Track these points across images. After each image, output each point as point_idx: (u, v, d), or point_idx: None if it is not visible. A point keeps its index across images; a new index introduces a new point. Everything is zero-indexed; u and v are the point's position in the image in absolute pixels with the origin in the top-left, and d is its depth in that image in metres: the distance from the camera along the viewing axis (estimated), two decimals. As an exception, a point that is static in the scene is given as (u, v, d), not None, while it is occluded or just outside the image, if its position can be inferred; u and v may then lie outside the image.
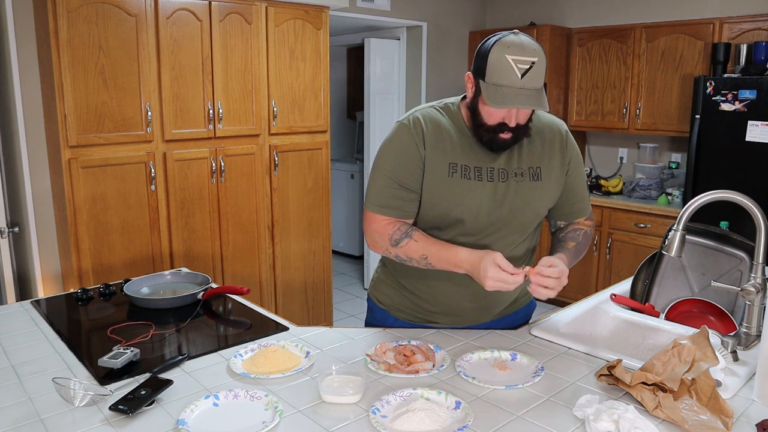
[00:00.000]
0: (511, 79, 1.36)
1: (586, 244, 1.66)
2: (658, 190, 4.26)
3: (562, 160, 1.59)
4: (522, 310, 1.77)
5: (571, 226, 1.68)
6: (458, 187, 1.51)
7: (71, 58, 2.69)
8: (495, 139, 1.47)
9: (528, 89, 1.37)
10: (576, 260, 1.60)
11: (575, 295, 4.32)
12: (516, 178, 1.54)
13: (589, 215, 1.73)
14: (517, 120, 1.44)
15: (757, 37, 3.77)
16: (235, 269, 3.38)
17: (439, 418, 1.18)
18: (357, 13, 4.30)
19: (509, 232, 1.56)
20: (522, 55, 1.36)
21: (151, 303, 1.88)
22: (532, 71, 1.36)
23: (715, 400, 1.17)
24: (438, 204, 1.53)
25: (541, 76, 1.39)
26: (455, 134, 1.53)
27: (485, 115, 1.46)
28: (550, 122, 1.62)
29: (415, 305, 1.68)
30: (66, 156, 2.73)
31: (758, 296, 1.46)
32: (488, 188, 1.52)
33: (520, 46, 1.37)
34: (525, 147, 1.56)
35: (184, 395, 1.30)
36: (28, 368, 1.44)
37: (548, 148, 1.58)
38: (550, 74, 4.56)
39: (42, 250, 2.98)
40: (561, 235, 1.66)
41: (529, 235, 1.62)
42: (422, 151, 1.51)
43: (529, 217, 1.57)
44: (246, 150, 3.32)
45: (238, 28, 3.20)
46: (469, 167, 1.51)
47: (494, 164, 1.53)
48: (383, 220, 1.55)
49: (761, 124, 3.52)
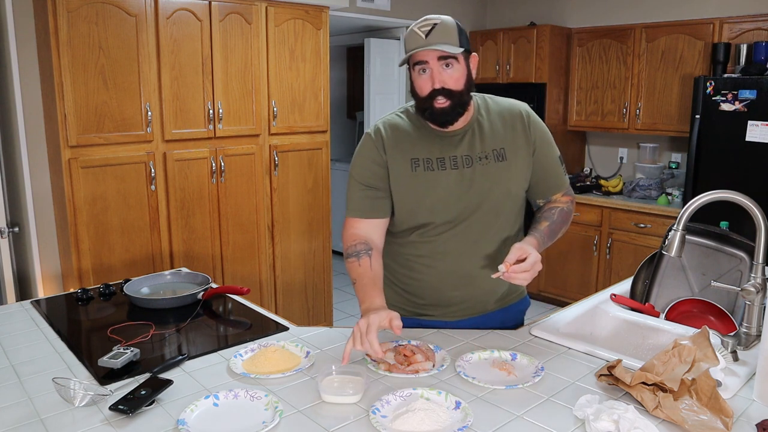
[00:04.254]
0: (417, 42, 1.48)
1: (562, 221, 1.69)
2: (658, 190, 4.26)
3: (526, 139, 1.64)
4: (515, 306, 1.79)
5: (548, 204, 1.71)
6: (423, 179, 1.58)
7: (71, 58, 2.69)
8: (434, 110, 1.52)
9: (434, 44, 1.46)
10: (552, 239, 1.64)
11: (575, 295, 4.32)
12: (481, 162, 1.59)
13: (567, 190, 1.75)
14: (441, 82, 1.49)
15: (757, 37, 3.77)
16: (235, 269, 3.38)
17: (439, 418, 1.17)
18: (357, 13, 4.30)
19: (483, 214, 1.61)
20: (424, 22, 1.50)
21: (151, 303, 1.88)
22: (436, 30, 1.47)
23: (715, 400, 1.17)
24: (407, 200, 1.59)
25: (447, 35, 1.47)
26: (415, 132, 1.61)
27: (417, 89, 1.53)
28: (510, 104, 1.68)
29: (405, 300, 1.72)
30: (66, 156, 2.73)
31: (758, 296, 1.46)
32: (453, 175, 1.58)
33: (424, 18, 1.51)
34: (486, 131, 1.62)
35: (184, 395, 1.30)
36: (28, 368, 1.44)
37: (510, 129, 1.64)
38: (550, 74, 4.56)
39: (42, 250, 2.98)
40: (537, 216, 1.70)
41: (504, 218, 1.65)
42: (383, 156, 1.60)
43: (499, 197, 1.61)
44: (246, 150, 3.32)
45: (238, 28, 3.20)
46: (431, 159, 1.59)
47: (456, 152, 1.59)
48: (352, 227, 1.64)
49: (761, 124, 3.52)
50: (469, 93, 1.56)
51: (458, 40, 1.48)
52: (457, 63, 1.49)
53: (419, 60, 1.49)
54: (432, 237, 1.62)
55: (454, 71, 1.50)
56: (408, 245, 1.66)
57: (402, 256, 1.69)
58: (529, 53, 4.62)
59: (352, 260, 1.59)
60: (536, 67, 4.59)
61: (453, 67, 1.49)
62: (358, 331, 1.36)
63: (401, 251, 1.68)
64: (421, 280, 1.67)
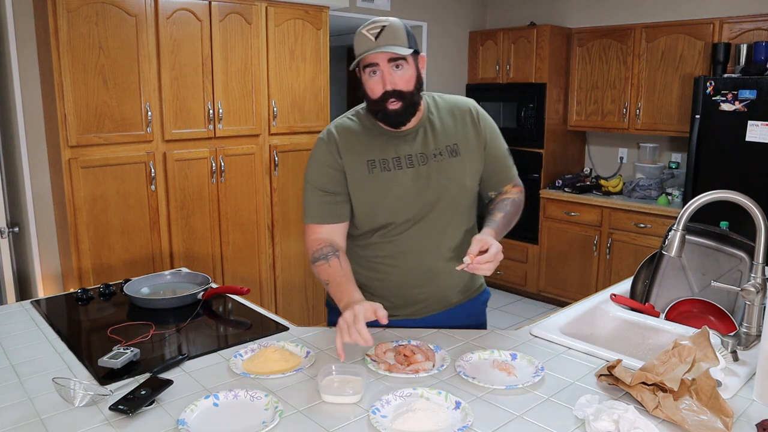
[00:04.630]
0: (367, 45, 1.50)
1: (515, 211, 1.72)
2: (658, 190, 4.25)
3: (476, 134, 1.68)
4: (477, 299, 1.82)
5: (500, 196, 1.75)
6: (381, 180, 1.60)
7: (71, 58, 2.68)
8: (387, 112, 1.55)
9: (383, 47, 1.48)
10: (507, 228, 1.68)
11: (575, 295, 4.32)
12: (436, 159, 1.63)
13: (516, 181, 1.79)
14: (392, 84, 1.51)
15: (757, 37, 3.77)
16: (235, 269, 3.38)
17: (439, 418, 1.18)
18: (357, 13, 4.30)
19: (441, 210, 1.64)
20: (372, 24, 1.51)
21: (151, 303, 1.88)
22: (385, 32, 1.49)
23: (715, 400, 1.17)
24: (367, 202, 1.62)
25: (396, 36, 1.50)
26: (368, 134, 1.64)
27: (369, 92, 1.56)
28: (459, 101, 1.72)
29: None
30: (66, 156, 2.73)
31: (758, 296, 1.46)
32: (410, 173, 1.61)
33: (372, 20, 1.53)
34: (438, 128, 1.65)
35: (184, 395, 1.30)
36: (28, 368, 1.44)
37: (461, 124, 1.68)
38: (550, 74, 4.56)
39: (42, 250, 2.98)
40: (490, 208, 1.73)
41: (461, 212, 1.68)
42: (339, 160, 1.62)
43: (456, 192, 1.65)
44: (246, 150, 3.32)
45: (238, 28, 3.20)
46: (387, 159, 1.61)
47: (411, 150, 1.62)
48: (313, 233, 1.65)
49: (761, 124, 3.52)
50: (419, 93, 1.60)
51: (407, 41, 1.52)
52: (406, 64, 1.53)
53: (370, 62, 1.51)
54: (393, 237, 1.64)
55: (405, 72, 1.53)
56: (370, 247, 1.68)
57: (365, 259, 1.70)
58: (529, 53, 4.62)
59: (321, 263, 1.60)
60: (536, 67, 4.59)
61: (403, 68, 1.52)
62: (344, 324, 1.37)
63: (363, 254, 1.70)
64: (385, 281, 1.69)
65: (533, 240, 4.75)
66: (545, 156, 4.66)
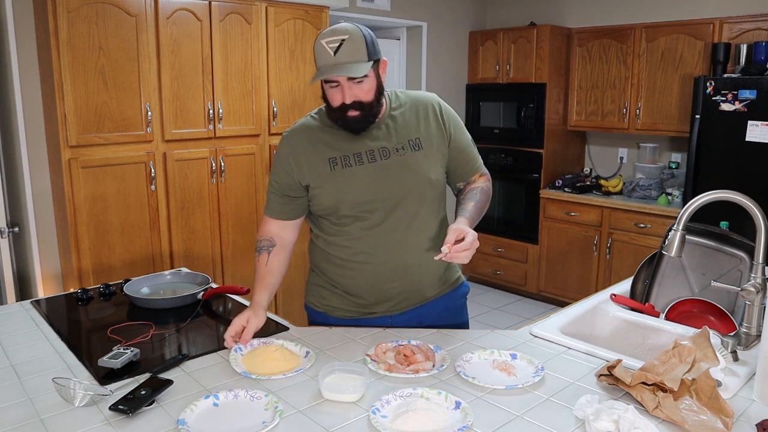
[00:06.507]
0: (326, 59, 1.51)
1: (485, 200, 1.74)
2: (658, 190, 4.26)
3: (439, 128, 1.70)
4: (455, 292, 1.82)
5: (468, 186, 1.76)
6: (343, 176, 1.62)
7: (71, 59, 2.68)
8: (346, 119, 1.57)
9: (343, 63, 1.49)
10: (480, 217, 1.69)
11: (575, 295, 4.33)
12: (398, 153, 1.64)
13: (482, 171, 1.81)
14: (353, 97, 1.53)
15: (757, 37, 3.77)
16: (235, 269, 3.38)
17: (439, 418, 1.18)
18: (357, 13, 4.30)
19: (408, 204, 1.64)
20: (332, 36, 1.51)
21: (151, 303, 1.88)
22: (344, 47, 1.49)
23: (715, 400, 1.17)
24: (331, 199, 1.63)
25: (356, 50, 1.50)
26: (329, 132, 1.65)
27: (329, 100, 1.58)
28: (423, 97, 1.74)
29: (348, 301, 1.74)
30: (66, 156, 2.73)
31: (758, 296, 1.46)
32: (371, 168, 1.62)
33: (332, 30, 1.52)
34: (400, 123, 1.67)
35: (184, 395, 1.30)
36: (28, 368, 1.44)
37: (423, 119, 1.69)
38: (550, 74, 4.56)
39: (42, 250, 2.98)
40: (461, 198, 1.75)
41: (429, 206, 1.69)
42: (295, 167, 1.65)
43: (421, 185, 1.65)
44: (246, 150, 3.32)
45: (238, 28, 3.20)
46: (348, 156, 1.63)
47: (373, 145, 1.63)
48: (264, 224, 1.74)
49: (761, 124, 3.52)
50: (380, 100, 1.61)
51: (366, 53, 1.52)
52: (367, 77, 1.53)
53: (329, 80, 1.53)
54: (361, 233, 1.65)
55: (365, 85, 1.55)
56: (339, 245, 1.69)
57: (336, 258, 1.70)
58: (529, 53, 4.62)
59: (255, 255, 1.72)
60: (536, 67, 4.59)
61: (363, 81, 1.53)
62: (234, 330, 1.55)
63: (334, 253, 1.70)
64: (357, 278, 1.69)
65: (533, 240, 4.75)
66: (545, 156, 4.66)
